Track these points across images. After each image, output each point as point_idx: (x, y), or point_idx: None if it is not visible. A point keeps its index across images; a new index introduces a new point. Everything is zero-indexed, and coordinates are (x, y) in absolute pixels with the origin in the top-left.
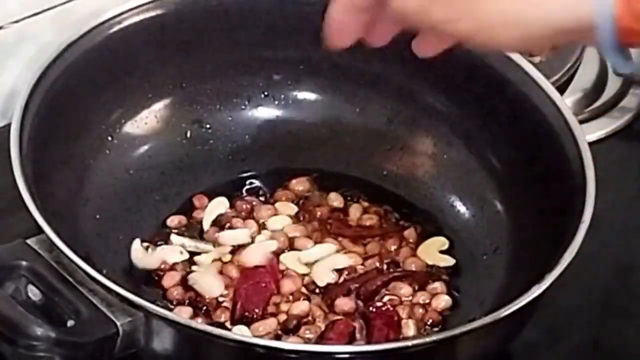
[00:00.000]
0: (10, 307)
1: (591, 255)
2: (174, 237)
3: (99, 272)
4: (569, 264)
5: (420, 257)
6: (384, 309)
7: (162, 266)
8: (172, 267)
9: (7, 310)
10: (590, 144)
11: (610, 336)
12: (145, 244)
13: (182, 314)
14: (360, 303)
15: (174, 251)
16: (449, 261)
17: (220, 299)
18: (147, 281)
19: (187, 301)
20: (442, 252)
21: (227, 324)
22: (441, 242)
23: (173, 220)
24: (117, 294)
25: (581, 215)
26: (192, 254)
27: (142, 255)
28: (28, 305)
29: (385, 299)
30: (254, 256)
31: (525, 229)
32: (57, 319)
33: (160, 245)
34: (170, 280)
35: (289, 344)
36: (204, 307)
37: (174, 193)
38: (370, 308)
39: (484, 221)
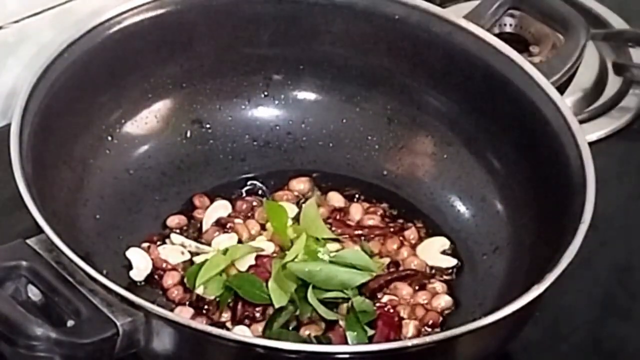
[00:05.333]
0: (10, 307)
1: (591, 255)
2: (174, 237)
3: (99, 272)
4: (569, 264)
5: (420, 257)
6: (384, 309)
7: (163, 266)
8: (173, 267)
9: (7, 310)
10: (590, 144)
11: (610, 336)
12: (146, 244)
13: (183, 314)
14: None
15: (174, 251)
16: (449, 261)
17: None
18: (147, 281)
19: (187, 301)
20: (442, 252)
21: (228, 324)
22: (441, 242)
23: (173, 220)
24: (117, 294)
25: (581, 215)
26: (192, 254)
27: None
28: (28, 305)
29: (385, 299)
30: (252, 257)
31: (525, 229)
32: (57, 319)
33: (160, 245)
34: (170, 280)
35: (289, 344)
36: (205, 307)
37: (174, 193)
38: None
39: (484, 221)
